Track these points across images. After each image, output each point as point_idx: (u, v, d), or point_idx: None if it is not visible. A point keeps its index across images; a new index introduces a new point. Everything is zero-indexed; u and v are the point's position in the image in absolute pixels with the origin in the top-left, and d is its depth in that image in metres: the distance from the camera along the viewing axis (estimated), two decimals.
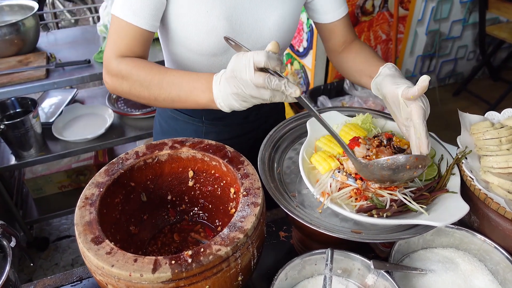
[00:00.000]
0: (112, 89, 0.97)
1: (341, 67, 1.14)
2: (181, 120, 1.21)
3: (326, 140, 0.93)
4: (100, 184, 0.82)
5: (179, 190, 0.97)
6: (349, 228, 0.80)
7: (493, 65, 3.75)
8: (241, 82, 0.75)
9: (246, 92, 0.75)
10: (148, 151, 0.90)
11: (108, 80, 0.97)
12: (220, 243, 0.70)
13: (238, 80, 0.75)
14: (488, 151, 0.86)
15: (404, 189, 0.82)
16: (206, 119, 1.18)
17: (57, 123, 2.24)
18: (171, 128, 1.24)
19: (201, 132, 1.20)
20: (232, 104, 0.80)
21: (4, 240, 0.81)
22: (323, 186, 0.83)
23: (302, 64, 2.82)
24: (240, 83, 0.75)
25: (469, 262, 0.84)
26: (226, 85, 0.78)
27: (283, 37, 1.05)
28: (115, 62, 0.94)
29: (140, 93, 0.92)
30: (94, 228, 0.74)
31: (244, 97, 0.77)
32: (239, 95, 0.77)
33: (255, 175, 0.83)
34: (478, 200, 0.80)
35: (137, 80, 0.91)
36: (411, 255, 0.87)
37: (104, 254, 0.69)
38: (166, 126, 1.25)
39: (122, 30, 0.94)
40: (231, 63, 0.77)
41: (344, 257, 0.80)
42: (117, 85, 0.95)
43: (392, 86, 0.84)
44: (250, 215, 0.75)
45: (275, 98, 0.75)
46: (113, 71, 0.94)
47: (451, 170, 0.85)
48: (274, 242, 1.08)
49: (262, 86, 0.73)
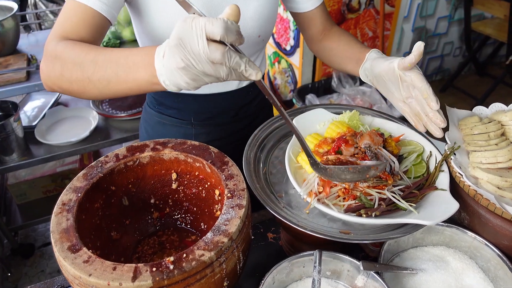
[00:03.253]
0: (46, 75, 0.80)
1: (323, 56, 1.13)
2: (169, 124, 1.17)
3: (312, 138, 0.91)
4: (78, 189, 0.79)
5: (162, 193, 0.94)
6: (337, 228, 0.78)
7: (479, 60, 3.78)
8: (191, 55, 0.60)
9: (198, 68, 0.61)
10: (128, 154, 0.87)
11: (42, 66, 0.81)
12: (204, 248, 0.67)
13: (187, 52, 0.60)
14: (477, 146, 0.84)
15: (393, 187, 0.80)
16: (196, 120, 1.15)
17: (40, 127, 2.18)
18: (159, 134, 1.19)
19: (191, 134, 1.17)
20: (178, 83, 0.65)
21: None
22: (310, 185, 0.81)
23: (289, 62, 2.80)
24: (190, 56, 0.60)
25: (459, 260, 0.82)
26: (171, 58, 0.62)
27: (265, 26, 1.03)
28: (54, 43, 0.80)
29: (72, 73, 0.76)
30: (71, 236, 0.70)
31: (195, 74, 0.62)
32: (188, 71, 0.62)
33: (240, 176, 0.80)
34: (468, 196, 0.79)
35: (69, 57, 0.76)
36: (401, 254, 0.85)
37: (82, 263, 0.65)
38: (153, 132, 1.21)
39: (70, 11, 0.83)
40: (176, 28, 0.61)
41: (333, 259, 0.78)
42: (50, 69, 0.79)
43: (386, 62, 0.83)
44: (235, 217, 0.72)
45: (231, 77, 0.64)
46: (48, 52, 0.80)
47: (440, 167, 0.84)
48: (262, 244, 1.05)
49: (219, 62, 0.60)
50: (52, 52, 0.79)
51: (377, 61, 0.87)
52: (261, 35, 1.03)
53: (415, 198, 0.79)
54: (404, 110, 0.84)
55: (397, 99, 0.84)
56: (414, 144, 0.91)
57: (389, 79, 0.83)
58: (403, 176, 0.82)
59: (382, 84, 0.87)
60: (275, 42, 2.88)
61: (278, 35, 2.80)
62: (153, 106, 1.18)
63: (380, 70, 0.85)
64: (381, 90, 0.88)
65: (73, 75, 0.76)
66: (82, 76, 0.75)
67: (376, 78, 0.87)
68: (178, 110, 1.14)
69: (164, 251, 0.91)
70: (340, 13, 2.53)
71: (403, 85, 0.81)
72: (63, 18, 0.84)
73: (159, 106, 1.16)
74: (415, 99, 0.81)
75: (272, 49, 2.97)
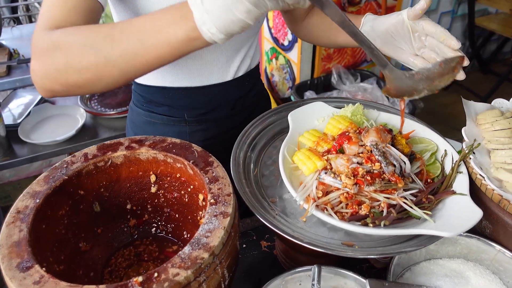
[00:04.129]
0: (42, 73, 0.67)
1: (308, 33, 1.05)
2: (159, 123, 1.05)
3: (310, 135, 0.80)
4: (36, 194, 0.68)
5: (140, 197, 0.82)
6: (339, 239, 0.67)
7: (483, 57, 3.68)
8: None
9: None
10: (99, 153, 0.76)
11: (35, 65, 0.67)
12: (179, 266, 0.56)
13: None
14: (499, 144, 0.73)
15: (404, 192, 0.68)
16: (190, 116, 1.03)
17: (24, 125, 2.07)
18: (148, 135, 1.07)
19: (185, 133, 1.05)
20: (232, 20, 0.55)
21: None
22: (307, 190, 0.70)
23: (287, 58, 2.69)
24: None
25: (481, 275, 0.71)
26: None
27: None
28: (44, 34, 0.67)
29: (82, 58, 0.64)
30: (22, 250, 0.59)
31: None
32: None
33: (226, 179, 0.69)
34: (491, 202, 0.68)
35: (75, 42, 0.64)
36: (412, 268, 0.74)
37: (31, 284, 0.54)
38: (142, 133, 1.07)
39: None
40: None
41: (334, 275, 0.67)
42: (48, 64, 0.66)
43: (392, 17, 0.78)
44: (218, 228, 0.61)
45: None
46: (40, 46, 0.67)
47: (457, 168, 0.72)
48: (254, 253, 0.94)
49: None
50: (47, 44, 0.66)
51: (379, 20, 0.81)
52: None
53: (430, 204, 0.68)
54: (416, 63, 0.78)
55: (407, 54, 0.79)
56: (426, 142, 0.80)
57: (398, 33, 0.77)
58: (415, 179, 0.71)
59: (389, 42, 0.80)
60: (273, 37, 2.77)
61: (276, 30, 2.69)
62: (140, 104, 1.07)
63: (387, 27, 0.78)
64: (387, 50, 0.81)
65: (84, 60, 0.64)
66: (97, 57, 0.63)
67: (382, 37, 0.80)
68: (170, 107, 1.03)
69: (141, 263, 0.80)
70: (340, 6, 2.42)
71: (414, 36, 0.76)
72: (50, 6, 0.71)
73: (148, 104, 1.05)
74: (429, 47, 0.75)
75: (269, 44, 2.86)
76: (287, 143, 0.78)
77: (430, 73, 0.69)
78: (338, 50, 2.59)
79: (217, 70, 0.98)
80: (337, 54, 2.63)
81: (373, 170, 0.69)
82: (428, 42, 0.75)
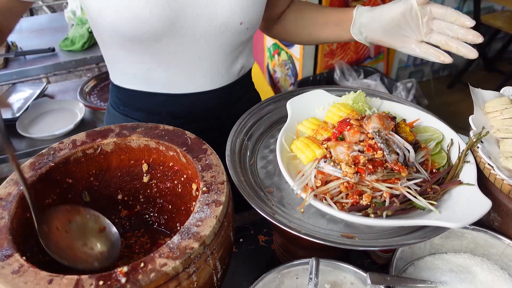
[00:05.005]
0: None
1: (285, 32, 1.01)
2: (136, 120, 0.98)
3: (310, 123, 0.76)
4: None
5: (131, 187, 0.79)
6: (338, 231, 0.63)
7: (488, 56, 3.63)
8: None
9: None
10: (88, 140, 0.73)
11: None
12: (167, 256, 0.53)
13: None
14: (509, 133, 0.70)
15: (407, 182, 0.65)
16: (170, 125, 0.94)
17: (22, 119, 2.05)
18: None
19: None
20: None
21: None
22: (305, 179, 0.66)
23: (289, 54, 2.65)
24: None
25: (489, 270, 0.67)
26: None
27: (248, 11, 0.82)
28: None
29: None
30: (2, 238, 0.56)
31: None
32: None
33: (219, 167, 0.66)
34: (500, 193, 0.64)
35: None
36: (416, 262, 0.70)
37: (9, 274, 0.51)
38: None
39: None
40: None
41: (333, 268, 0.63)
42: None
43: (398, 4, 0.76)
44: (210, 217, 0.58)
45: None
46: None
47: (465, 157, 0.69)
48: (252, 248, 0.91)
49: None
50: None
51: (382, 10, 0.80)
52: (243, 23, 0.83)
53: (435, 195, 0.64)
54: (419, 52, 0.78)
55: (411, 42, 0.78)
56: (431, 131, 0.76)
57: (406, 20, 0.76)
58: (419, 168, 0.67)
59: (393, 31, 0.79)
60: None
61: None
62: (117, 107, 1.00)
63: (393, 15, 0.77)
64: (390, 40, 0.80)
65: None
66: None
67: (385, 26, 0.79)
68: (148, 113, 0.96)
69: (132, 256, 0.76)
70: (343, 1, 2.38)
71: (423, 21, 0.75)
72: None
73: (125, 107, 0.98)
74: (437, 30, 0.75)
75: (271, 40, 2.83)
76: (285, 131, 0.75)
77: None
78: (341, 46, 2.55)
79: (200, 77, 0.90)
80: (340, 50, 2.59)
81: (375, 159, 0.65)
82: (435, 26, 0.74)
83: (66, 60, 1.78)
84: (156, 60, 0.85)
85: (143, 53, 0.83)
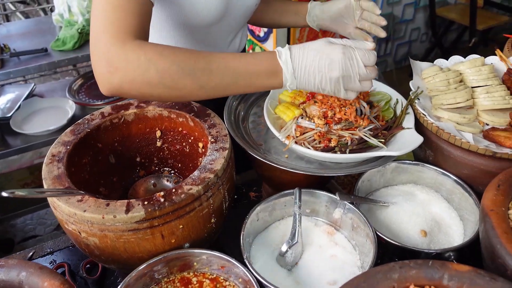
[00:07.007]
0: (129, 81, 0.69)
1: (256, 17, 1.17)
2: None
3: (288, 92, 0.97)
4: (66, 143, 0.82)
5: (147, 151, 0.97)
6: (315, 168, 0.84)
7: (445, 46, 3.93)
8: None
9: None
10: (113, 111, 0.90)
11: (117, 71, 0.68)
12: (192, 183, 0.72)
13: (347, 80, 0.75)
14: (439, 91, 0.92)
15: (364, 129, 0.86)
16: None
17: (15, 117, 2.15)
18: None
19: None
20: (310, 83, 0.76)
21: None
22: (288, 130, 0.86)
23: (263, 49, 2.85)
24: None
25: (426, 193, 0.90)
26: None
27: None
28: (132, 44, 0.69)
29: (179, 81, 0.70)
30: (63, 181, 0.73)
31: None
32: None
33: (222, 125, 0.85)
34: (431, 133, 0.86)
35: (174, 64, 0.69)
36: (373, 193, 0.92)
37: (75, 202, 0.69)
38: None
39: (128, 3, 0.71)
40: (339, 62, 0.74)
41: (311, 196, 0.84)
42: (137, 75, 0.68)
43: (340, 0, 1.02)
44: (219, 158, 0.77)
45: None
46: (131, 58, 0.68)
47: (406, 110, 0.91)
48: (245, 202, 1.10)
49: None
50: (138, 57, 0.68)
51: (329, 5, 1.06)
52: (257, 3, 1.04)
53: (384, 138, 0.86)
54: (353, 35, 1.03)
55: (350, 27, 1.03)
56: (382, 94, 0.98)
57: (347, 12, 1.02)
58: (373, 120, 0.89)
59: (337, 20, 1.05)
60: (249, 29, 2.93)
61: None
62: None
63: (338, 8, 1.03)
64: (336, 26, 1.06)
65: (180, 82, 0.71)
66: (193, 83, 0.71)
67: (332, 16, 1.05)
68: None
69: None
70: None
71: (356, 13, 1.00)
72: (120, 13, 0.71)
73: None
74: (363, 18, 1.00)
75: None
76: (270, 99, 0.95)
77: None
78: (310, 37, 2.77)
79: None
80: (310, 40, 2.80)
81: None
82: (363, 15, 1.00)
83: (60, 59, 1.92)
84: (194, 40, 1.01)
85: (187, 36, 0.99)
